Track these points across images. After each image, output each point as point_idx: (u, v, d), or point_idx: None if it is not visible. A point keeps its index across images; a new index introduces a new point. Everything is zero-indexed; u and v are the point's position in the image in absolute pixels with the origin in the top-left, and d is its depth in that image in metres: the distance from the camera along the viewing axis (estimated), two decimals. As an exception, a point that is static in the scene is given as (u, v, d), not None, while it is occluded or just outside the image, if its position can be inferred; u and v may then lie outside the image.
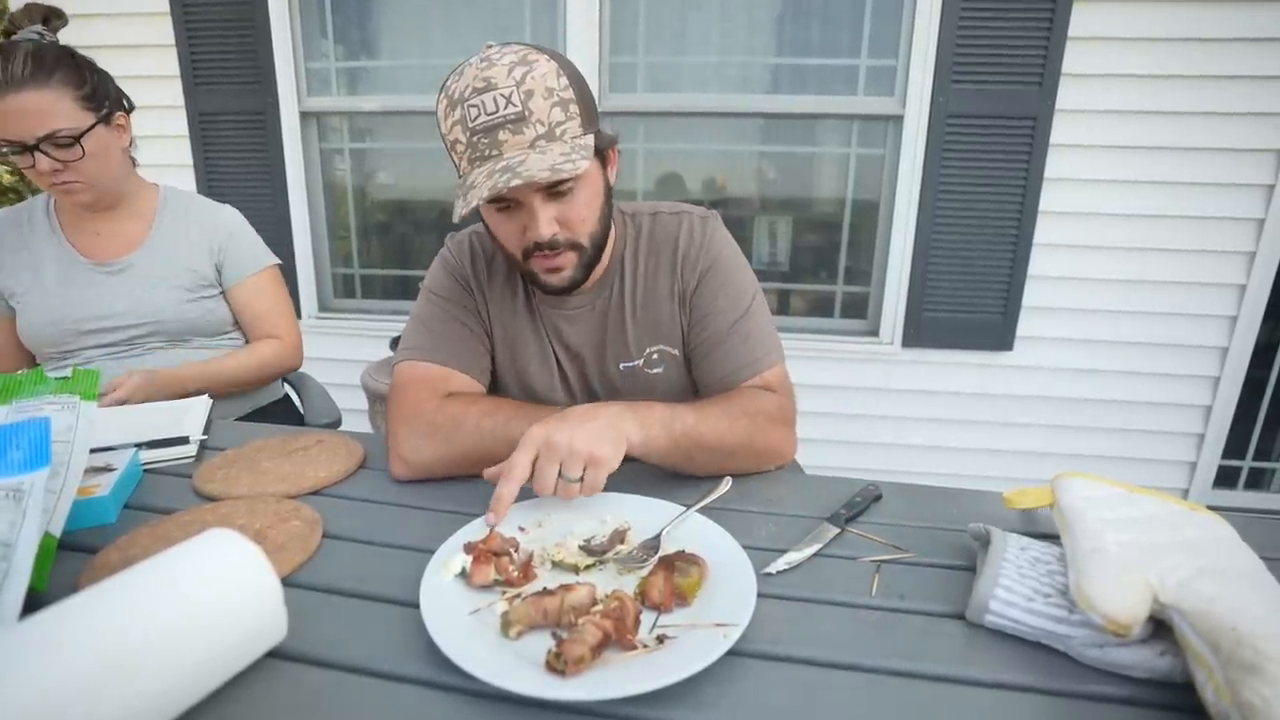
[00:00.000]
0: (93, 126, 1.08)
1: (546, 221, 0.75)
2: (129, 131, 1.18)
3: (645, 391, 0.91)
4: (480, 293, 0.91)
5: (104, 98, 1.11)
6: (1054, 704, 0.46)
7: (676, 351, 0.91)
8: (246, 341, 1.33)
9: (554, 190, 0.74)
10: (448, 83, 0.74)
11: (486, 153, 0.71)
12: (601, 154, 0.80)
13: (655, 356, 0.91)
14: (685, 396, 0.92)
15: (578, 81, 0.75)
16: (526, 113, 0.70)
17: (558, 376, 0.93)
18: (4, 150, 1.05)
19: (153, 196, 1.25)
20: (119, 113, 1.15)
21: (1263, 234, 2.05)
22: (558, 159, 0.70)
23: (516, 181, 0.68)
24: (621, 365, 0.91)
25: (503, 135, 0.70)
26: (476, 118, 0.70)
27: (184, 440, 0.85)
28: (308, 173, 2.40)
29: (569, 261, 0.79)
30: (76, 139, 1.06)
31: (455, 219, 0.74)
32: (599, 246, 0.83)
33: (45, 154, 1.04)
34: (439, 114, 0.75)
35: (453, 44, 2.32)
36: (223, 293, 1.28)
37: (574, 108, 0.73)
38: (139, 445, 0.82)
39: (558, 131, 0.72)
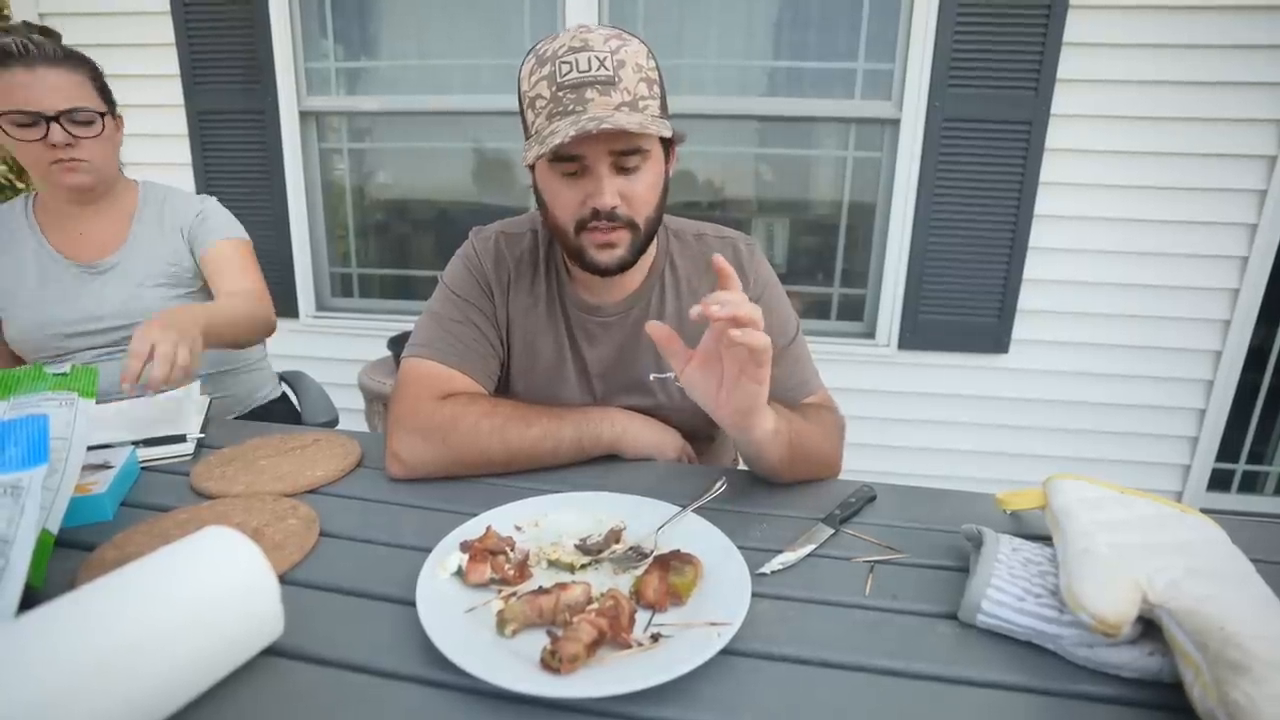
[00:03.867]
0: (106, 113, 1.15)
1: (611, 191, 0.76)
2: (122, 132, 1.22)
3: (676, 405, 0.92)
4: (501, 295, 0.91)
5: (111, 98, 1.19)
6: (1044, 703, 0.47)
7: None
8: None
9: (622, 164, 0.76)
10: (538, 46, 0.76)
11: (571, 108, 0.72)
12: (667, 146, 0.82)
13: None
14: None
15: (660, 70, 0.79)
16: (617, 79, 0.72)
17: (577, 383, 0.93)
18: (14, 117, 1.05)
19: (133, 194, 1.25)
20: (118, 114, 1.20)
21: (1255, 238, 2.06)
22: (645, 120, 0.72)
23: (607, 125, 0.69)
24: (653, 376, 0.91)
25: (590, 94, 0.72)
26: (567, 73, 0.72)
27: (181, 438, 0.86)
28: (306, 172, 2.40)
29: (623, 239, 0.79)
30: (100, 116, 1.13)
31: (526, 162, 0.76)
32: (650, 235, 0.83)
33: (62, 126, 1.08)
34: (522, 73, 0.77)
35: (453, 44, 2.33)
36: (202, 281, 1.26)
37: (657, 89, 0.77)
38: (136, 443, 0.82)
39: (641, 105, 0.74)
